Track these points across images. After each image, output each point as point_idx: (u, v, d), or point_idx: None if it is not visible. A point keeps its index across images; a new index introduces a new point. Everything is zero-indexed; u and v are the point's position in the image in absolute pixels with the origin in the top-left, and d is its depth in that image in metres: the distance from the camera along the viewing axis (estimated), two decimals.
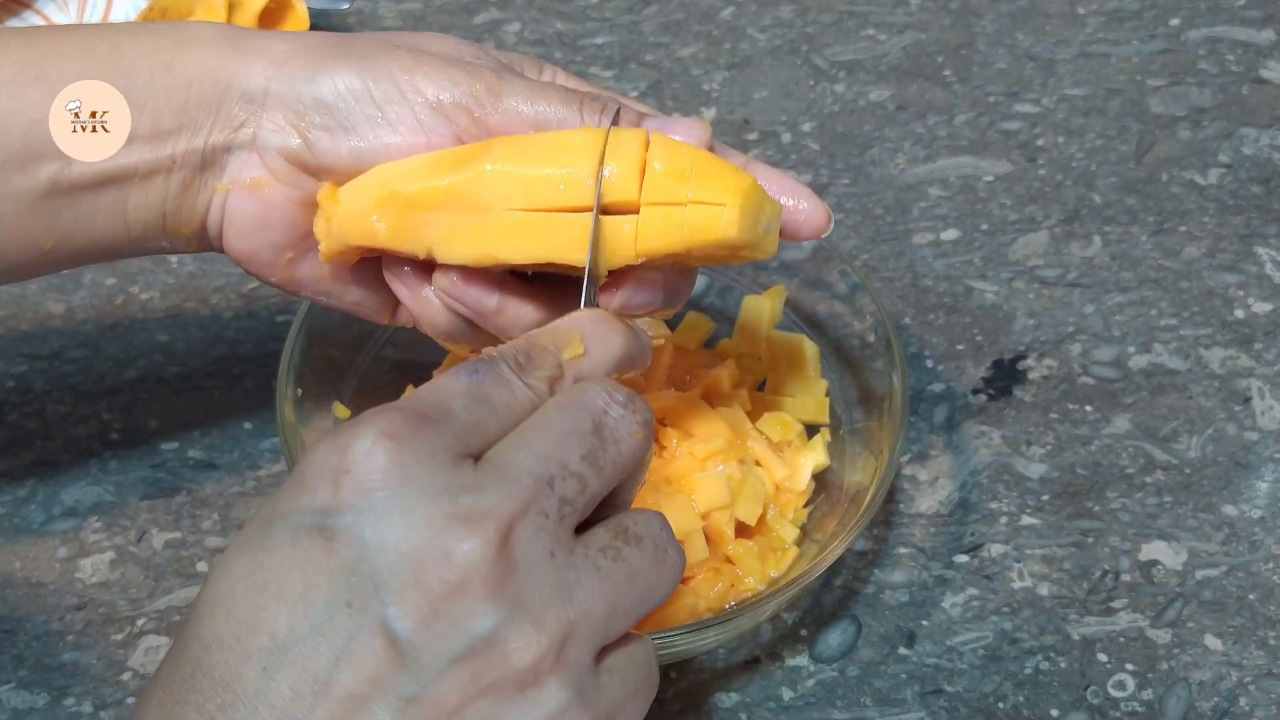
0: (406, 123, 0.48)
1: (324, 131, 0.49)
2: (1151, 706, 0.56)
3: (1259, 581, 0.60)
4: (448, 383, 0.39)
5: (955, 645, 0.58)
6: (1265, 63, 0.83)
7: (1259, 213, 0.75)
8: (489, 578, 0.36)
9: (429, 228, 0.47)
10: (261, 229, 0.51)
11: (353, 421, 0.37)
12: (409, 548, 0.35)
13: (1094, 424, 0.66)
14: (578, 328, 0.42)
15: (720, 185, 0.45)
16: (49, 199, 0.49)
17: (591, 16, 0.87)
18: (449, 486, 0.36)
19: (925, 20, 0.86)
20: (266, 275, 0.52)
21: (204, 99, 0.49)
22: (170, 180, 0.50)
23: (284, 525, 0.36)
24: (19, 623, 0.59)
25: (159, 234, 0.51)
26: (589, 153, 0.45)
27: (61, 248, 0.50)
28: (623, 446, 0.40)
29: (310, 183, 0.50)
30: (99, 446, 0.65)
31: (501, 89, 0.48)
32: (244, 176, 0.50)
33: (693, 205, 0.45)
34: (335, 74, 0.48)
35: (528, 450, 0.38)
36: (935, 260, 0.73)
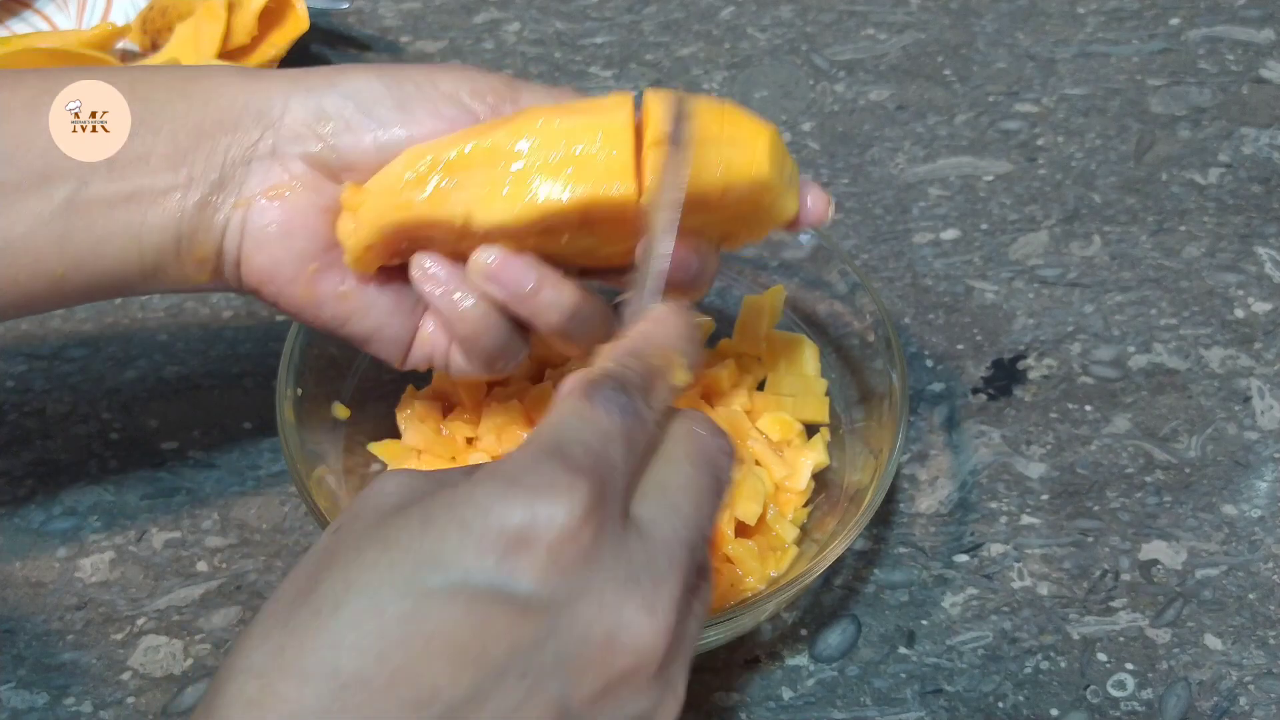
0: (427, 112, 0.49)
1: (345, 129, 0.49)
2: (1151, 706, 0.56)
3: (1259, 581, 0.60)
4: (604, 422, 0.38)
5: (955, 645, 0.58)
6: (1265, 62, 0.83)
7: (1259, 212, 0.75)
8: (661, 660, 0.37)
9: (468, 188, 0.48)
10: (285, 237, 0.50)
11: (543, 478, 0.36)
12: (600, 633, 0.36)
13: (1094, 423, 0.66)
14: (678, 345, 0.42)
15: (750, 128, 0.48)
16: (64, 219, 0.48)
17: (591, 16, 0.87)
18: (632, 571, 0.36)
19: (925, 20, 0.86)
20: (288, 292, 0.51)
21: (220, 120, 0.49)
22: (186, 199, 0.49)
23: (456, 576, 0.35)
24: (19, 622, 0.59)
25: (173, 259, 0.50)
26: (624, 104, 0.47)
27: (73, 275, 0.49)
28: (728, 492, 0.41)
29: (333, 189, 0.50)
30: (99, 446, 0.65)
31: (518, 85, 0.50)
32: (266, 186, 0.50)
33: (728, 145, 0.47)
34: (355, 77, 0.49)
35: (678, 517, 0.38)
36: (935, 260, 0.73)
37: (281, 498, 0.63)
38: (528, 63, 0.84)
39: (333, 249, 0.51)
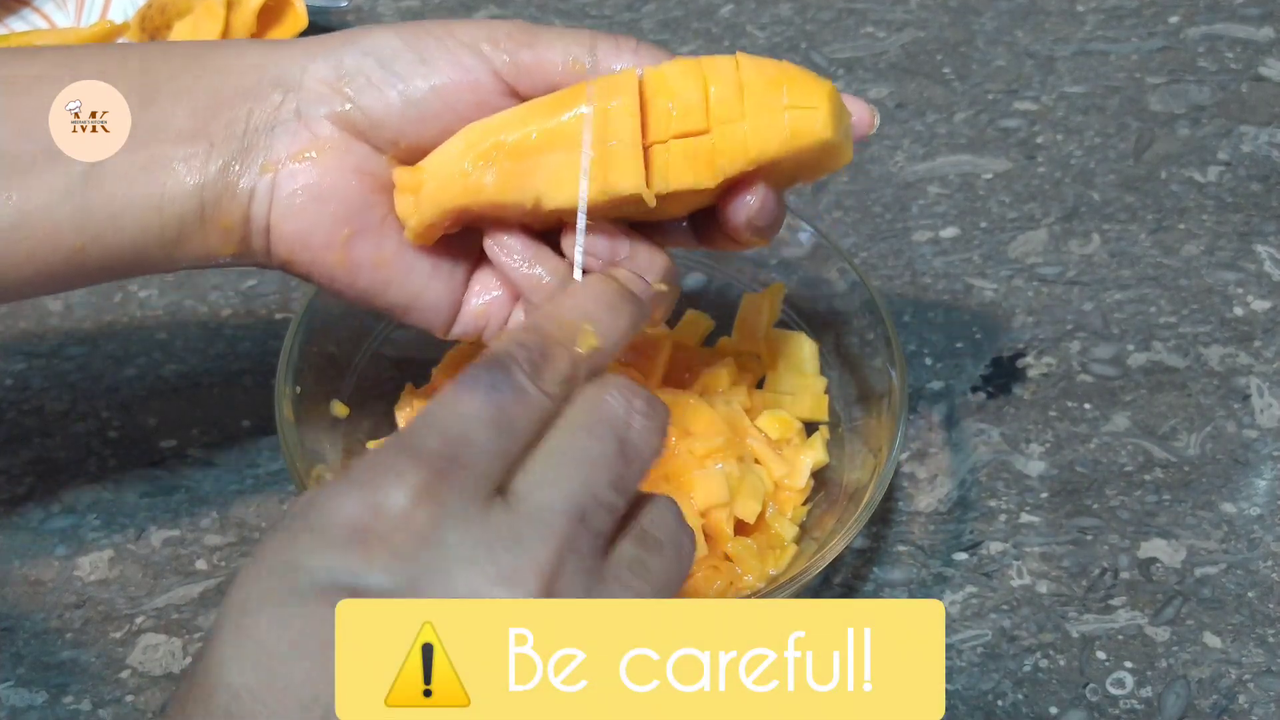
0: (448, 62, 0.49)
1: (368, 86, 0.49)
2: (1150, 704, 0.56)
3: (1258, 579, 0.60)
4: (466, 404, 0.37)
5: (954, 643, 0.58)
6: (1264, 60, 0.83)
7: (1258, 210, 0.75)
8: None
9: (537, 172, 0.48)
10: (317, 201, 0.49)
11: (377, 467, 0.36)
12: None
13: (1093, 422, 0.66)
14: (585, 313, 0.41)
15: (812, 89, 0.48)
16: (81, 191, 0.48)
17: (590, 14, 0.87)
18: (485, 543, 0.35)
19: (924, 18, 0.86)
20: (321, 259, 0.50)
21: (239, 87, 0.49)
22: (209, 165, 0.48)
23: (310, 580, 0.35)
24: (18, 620, 0.59)
25: (197, 228, 0.49)
26: (691, 77, 0.48)
27: (92, 248, 0.48)
28: (645, 460, 0.39)
29: (362, 149, 0.49)
30: (97, 444, 0.65)
31: (535, 29, 0.50)
32: (293, 150, 0.49)
33: (790, 110, 0.48)
34: (372, 36, 0.49)
35: (558, 487, 0.37)
36: (934, 258, 0.73)
37: (280, 496, 0.63)
38: None
39: (366, 211, 0.50)
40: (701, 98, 0.48)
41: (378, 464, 0.36)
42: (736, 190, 0.49)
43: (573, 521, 0.36)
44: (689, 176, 0.48)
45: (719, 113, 0.48)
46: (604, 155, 0.47)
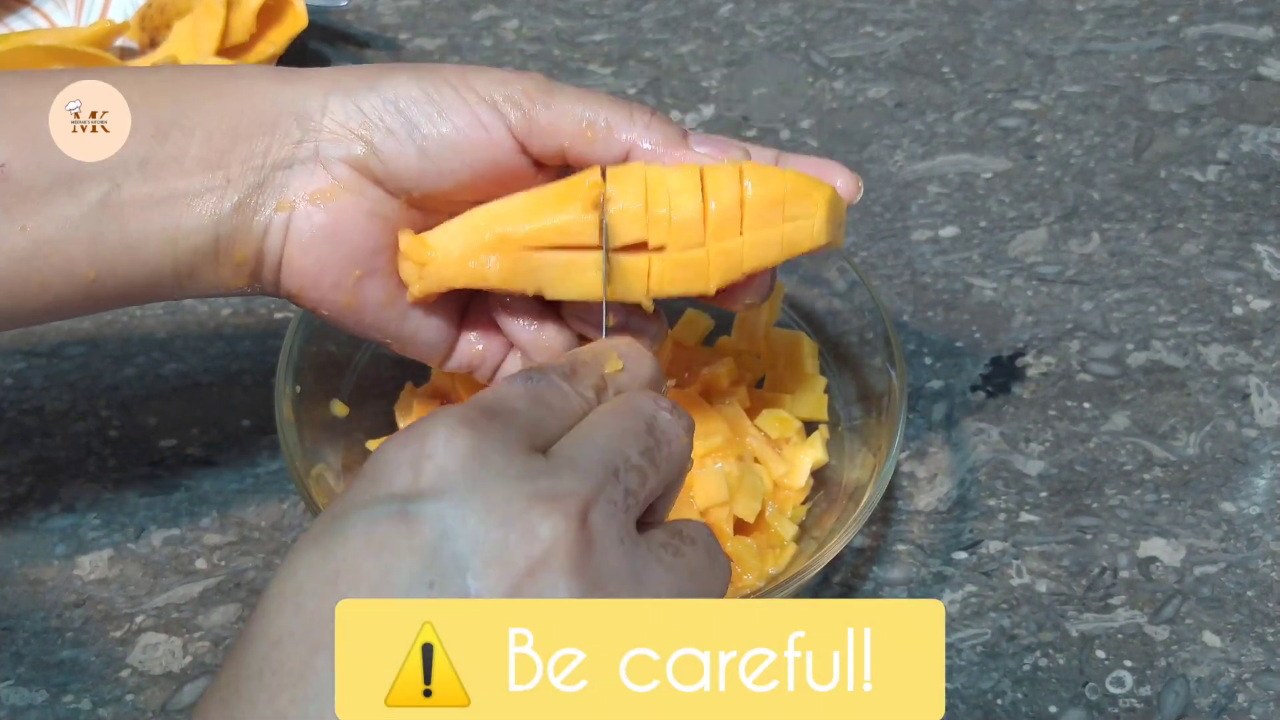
0: (465, 117, 0.49)
1: (388, 134, 0.49)
2: (1149, 703, 0.56)
3: (1257, 578, 0.60)
4: (506, 388, 0.40)
5: (954, 642, 0.58)
6: (1263, 59, 0.83)
7: (1257, 209, 0.75)
8: (571, 554, 0.36)
9: (542, 268, 0.49)
10: (330, 241, 0.50)
11: (423, 418, 0.38)
12: (492, 526, 0.36)
13: (1092, 421, 0.66)
14: (612, 347, 0.45)
15: (810, 200, 0.49)
16: (96, 221, 0.48)
17: (590, 13, 0.87)
18: (527, 471, 0.37)
19: (924, 17, 0.86)
20: (330, 298, 0.51)
21: (258, 120, 0.49)
22: (225, 200, 0.49)
23: (359, 517, 0.36)
24: (18, 620, 0.59)
25: (210, 262, 0.49)
26: (691, 192, 0.49)
27: (105, 279, 0.48)
28: (674, 447, 0.41)
29: (377, 194, 0.50)
30: (97, 443, 0.65)
31: (551, 88, 0.50)
32: (310, 190, 0.49)
33: (787, 223, 0.49)
34: (394, 82, 0.49)
35: (593, 444, 0.39)
36: (934, 257, 0.73)
37: (280, 495, 0.63)
38: (526, 60, 0.84)
39: (377, 255, 0.51)
40: (700, 213, 0.48)
41: (424, 419, 0.38)
42: (731, 287, 0.51)
43: (607, 471, 0.39)
44: (682, 285, 0.49)
45: (716, 229, 0.48)
46: (610, 261, 0.49)
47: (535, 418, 0.40)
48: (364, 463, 0.39)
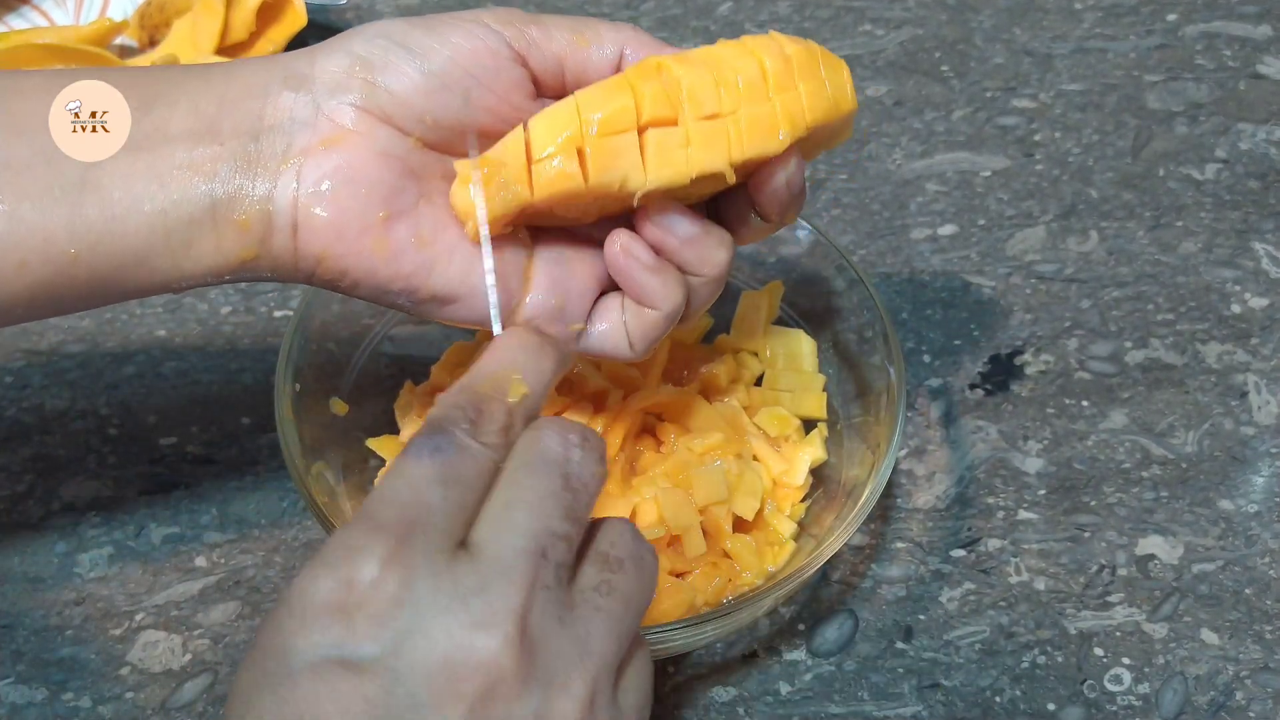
0: (460, 33, 0.49)
1: (385, 65, 0.48)
2: (1148, 700, 0.56)
3: (1255, 576, 0.60)
4: (415, 471, 0.39)
5: (952, 640, 0.58)
6: (1262, 58, 0.83)
7: (1255, 208, 0.75)
8: (517, 670, 0.37)
9: (625, 153, 0.48)
10: (348, 184, 0.47)
11: (344, 547, 0.38)
12: (437, 664, 0.37)
13: (1091, 419, 0.66)
14: (511, 364, 0.44)
15: (836, 64, 0.52)
16: (76, 193, 0.46)
17: (589, 12, 0.87)
18: (457, 594, 0.38)
19: (923, 15, 0.86)
20: (359, 248, 0.48)
21: (246, 88, 0.48)
22: (218, 164, 0.47)
23: (301, 660, 0.37)
24: (17, 618, 0.59)
25: (208, 230, 0.47)
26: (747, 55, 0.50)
27: (87, 257, 0.46)
28: (590, 488, 0.41)
29: (386, 131, 0.48)
30: (97, 441, 0.65)
31: (537, 15, 0.51)
32: (316, 139, 0.48)
33: (830, 83, 0.51)
34: (378, 25, 0.49)
35: (514, 530, 0.39)
36: (932, 255, 0.73)
37: (280, 493, 0.63)
38: None
39: (399, 194, 0.48)
40: (759, 72, 0.50)
41: (344, 543, 0.38)
42: (771, 163, 0.51)
43: (534, 559, 0.39)
44: (758, 144, 0.49)
45: (778, 83, 0.50)
46: (685, 133, 0.49)
47: (452, 507, 0.39)
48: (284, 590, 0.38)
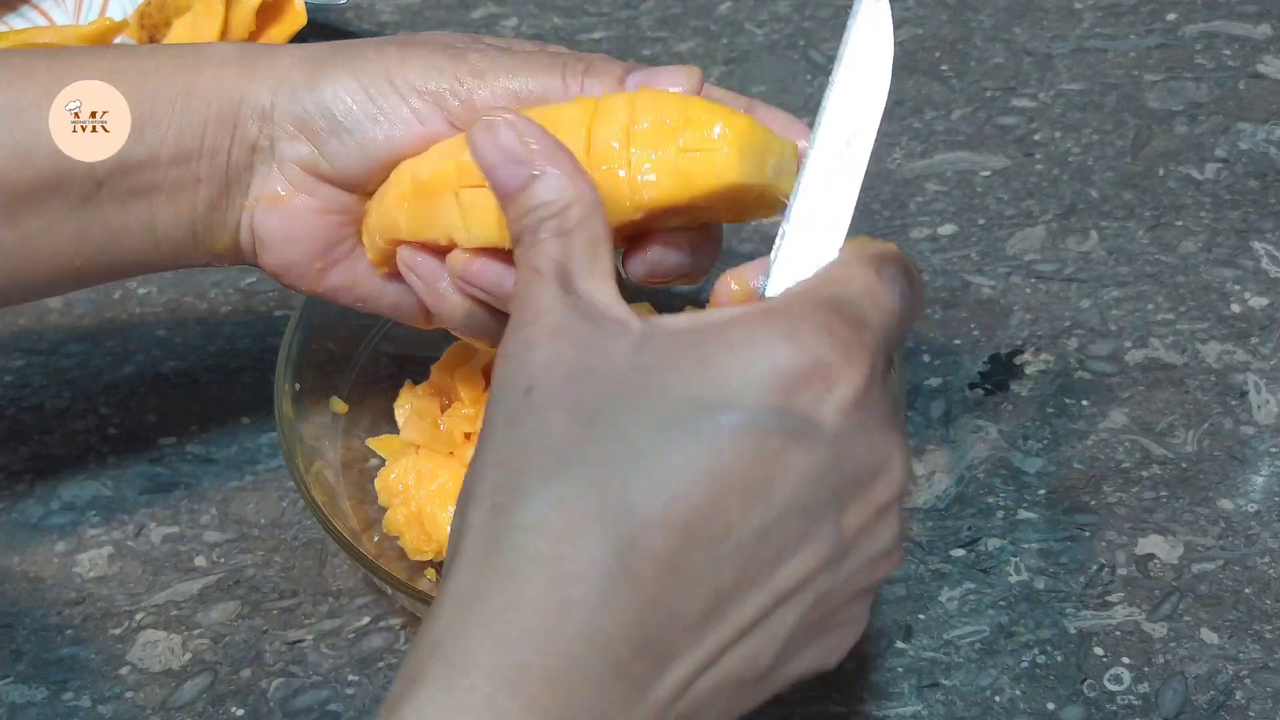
0: (402, 115, 0.49)
1: (331, 136, 0.50)
2: (1148, 700, 0.56)
3: (1255, 575, 0.60)
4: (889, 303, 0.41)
5: (952, 639, 0.58)
6: (1262, 57, 0.83)
7: (1255, 207, 0.75)
8: (902, 496, 0.41)
9: (445, 212, 0.48)
10: (288, 242, 0.51)
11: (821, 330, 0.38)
12: (868, 469, 0.39)
13: (1090, 418, 0.66)
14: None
15: (715, 128, 0.44)
16: (80, 216, 0.50)
17: (589, 11, 0.87)
18: (890, 410, 0.40)
19: (922, 15, 0.86)
20: (305, 286, 0.53)
21: (221, 117, 0.50)
22: (197, 199, 0.50)
23: (736, 419, 0.37)
24: (17, 617, 0.59)
25: (190, 250, 0.52)
26: (580, 124, 0.45)
27: (91, 265, 0.51)
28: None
29: (329, 191, 0.51)
30: (97, 441, 0.65)
31: (485, 68, 0.48)
32: (265, 192, 0.51)
33: (685, 154, 0.44)
34: (333, 80, 0.49)
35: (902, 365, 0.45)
36: (932, 255, 0.73)
37: (280, 492, 0.63)
38: None
39: (338, 245, 0.52)
40: (584, 145, 0.44)
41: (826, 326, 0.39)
42: (635, 243, 0.48)
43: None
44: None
45: (598, 158, 0.44)
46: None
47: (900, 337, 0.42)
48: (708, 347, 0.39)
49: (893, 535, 0.41)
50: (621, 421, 0.37)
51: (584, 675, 0.36)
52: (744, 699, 0.39)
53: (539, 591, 0.36)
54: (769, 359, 0.38)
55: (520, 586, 0.36)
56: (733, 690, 0.39)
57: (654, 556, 0.36)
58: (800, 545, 0.38)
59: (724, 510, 0.37)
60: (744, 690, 0.39)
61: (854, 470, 0.39)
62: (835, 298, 0.40)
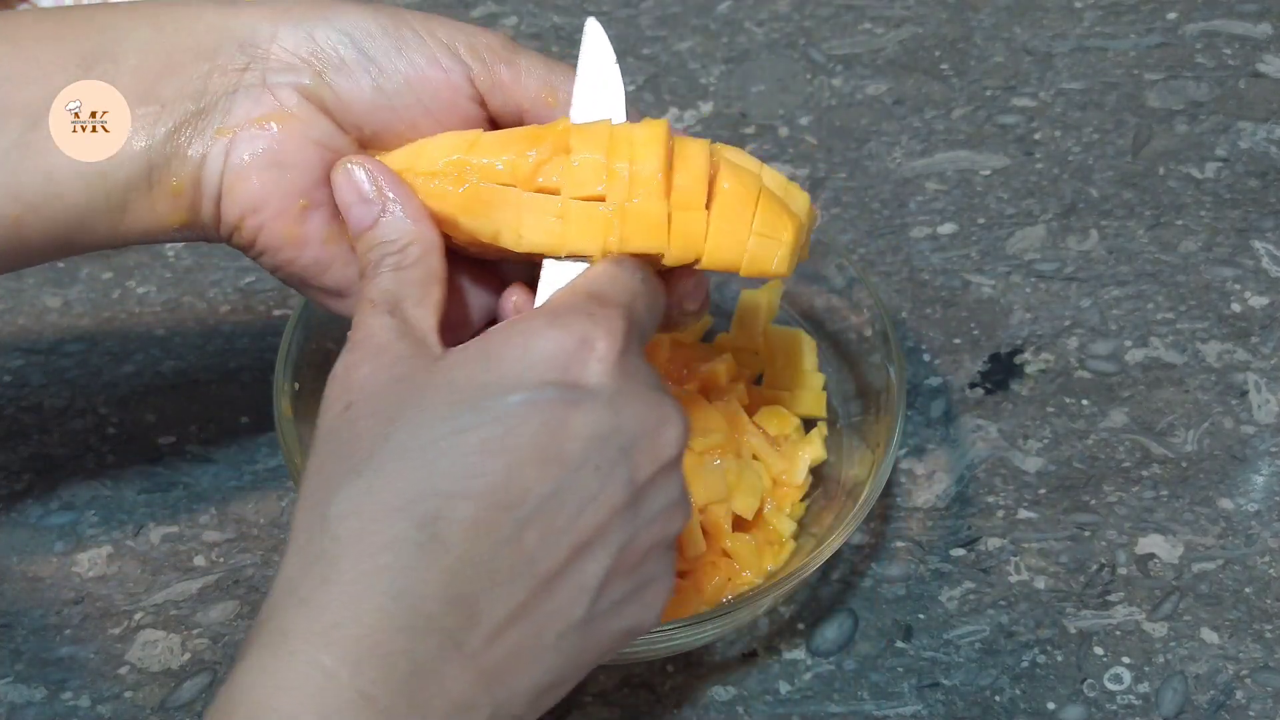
0: (425, 57, 0.48)
1: (340, 67, 0.48)
2: (1148, 699, 0.56)
3: (1255, 575, 0.60)
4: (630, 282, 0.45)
5: (952, 639, 0.58)
6: (1262, 56, 0.83)
7: (1255, 206, 0.75)
8: (683, 453, 0.44)
9: (504, 207, 0.47)
10: (275, 166, 0.48)
11: (578, 310, 0.43)
12: (648, 426, 0.43)
13: (1090, 418, 0.66)
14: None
15: (780, 224, 0.47)
16: (14, 157, 0.46)
17: (588, 9, 0.87)
18: (655, 380, 0.44)
19: (922, 14, 0.86)
20: (272, 227, 0.49)
21: (195, 47, 0.48)
22: (156, 127, 0.47)
23: (521, 397, 0.41)
24: (16, 617, 0.59)
25: (144, 194, 0.47)
26: (657, 139, 0.46)
27: (30, 218, 0.47)
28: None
29: (325, 123, 0.48)
30: (96, 441, 0.65)
31: (516, 48, 0.49)
32: (256, 112, 0.48)
33: (756, 236, 0.47)
34: (348, 15, 0.48)
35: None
36: (932, 254, 0.73)
37: (279, 492, 0.63)
38: None
39: (322, 187, 0.49)
40: (662, 168, 0.46)
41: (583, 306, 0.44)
42: (679, 275, 0.49)
43: None
44: (639, 241, 0.46)
45: (680, 197, 0.46)
46: (563, 207, 0.46)
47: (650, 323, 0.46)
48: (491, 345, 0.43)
49: (680, 488, 0.44)
50: (421, 417, 0.41)
51: (397, 628, 0.39)
52: (566, 657, 0.42)
53: (350, 563, 0.39)
54: (542, 344, 0.42)
55: (333, 562, 0.39)
56: (553, 644, 0.41)
57: (459, 523, 0.40)
58: (595, 498, 0.41)
59: (521, 477, 0.41)
60: (564, 644, 0.41)
61: (636, 427, 0.42)
62: (588, 288, 0.45)
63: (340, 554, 0.40)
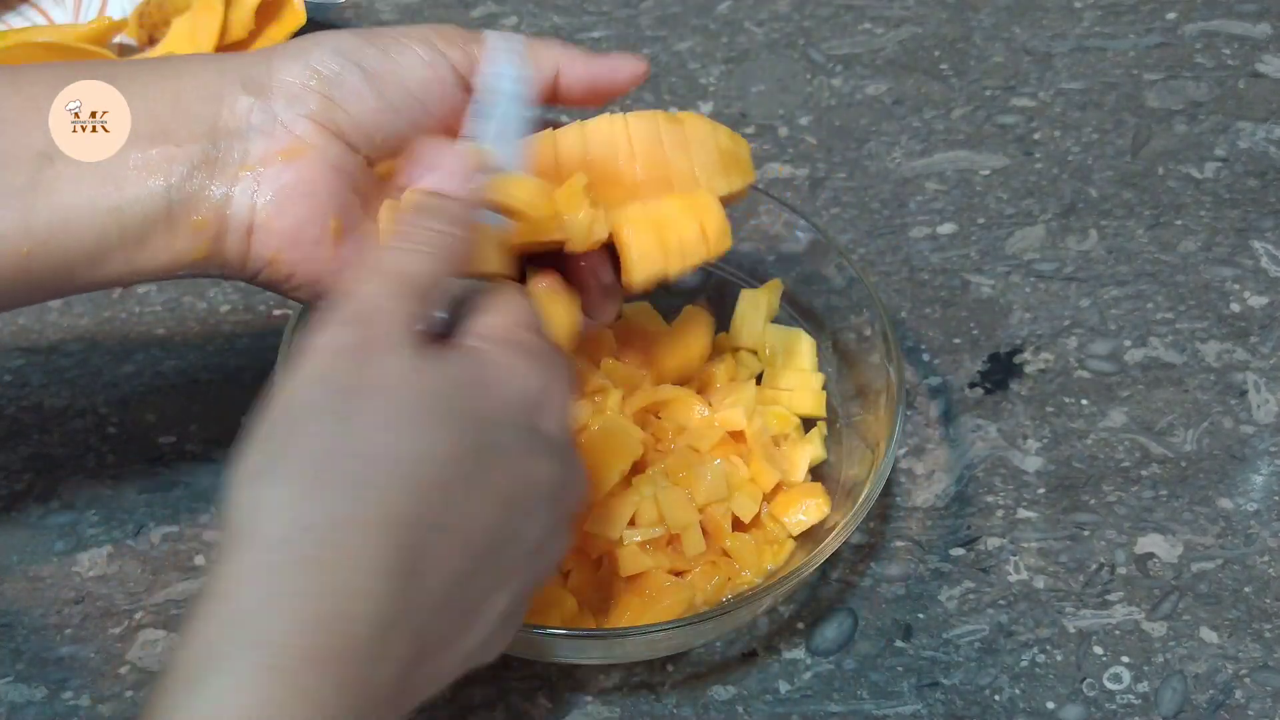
0: (412, 59, 0.50)
1: (342, 82, 0.50)
2: (1147, 699, 0.56)
3: (1254, 574, 0.60)
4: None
5: (951, 638, 0.58)
6: (1261, 56, 0.83)
7: (1255, 206, 0.75)
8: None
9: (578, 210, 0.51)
10: (306, 196, 0.49)
11: (531, 360, 0.44)
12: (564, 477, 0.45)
13: (1090, 417, 0.66)
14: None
15: (706, 226, 0.53)
16: (28, 195, 0.47)
17: (588, 10, 0.87)
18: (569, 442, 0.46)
19: (922, 14, 0.86)
20: (311, 256, 0.50)
21: (201, 90, 0.49)
22: (174, 166, 0.48)
23: (509, 437, 0.42)
24: (16, 616, 0.59)
25: (164, 229, 0.48)
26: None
27: (40, 254, 0.48)
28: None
29: (339, 147, 0.50)
30: (96, 440, 0.65)
31: (475, 31, 0.52)
32: (274, 148, 0.49)
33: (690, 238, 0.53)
34: (331, 38, 0.51)
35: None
36: (932, 254, 0.73)
37: None
38: None
39: (349, 209, 0.50)
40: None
41: (525, 354, 0.45)
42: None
43: None
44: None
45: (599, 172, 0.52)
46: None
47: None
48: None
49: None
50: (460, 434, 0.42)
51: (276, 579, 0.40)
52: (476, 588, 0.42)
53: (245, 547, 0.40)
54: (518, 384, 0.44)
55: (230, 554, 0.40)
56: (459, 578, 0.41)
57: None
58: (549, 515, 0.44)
59: (518, 523, 0.43)
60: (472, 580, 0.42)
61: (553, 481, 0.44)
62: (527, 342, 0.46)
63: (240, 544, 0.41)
